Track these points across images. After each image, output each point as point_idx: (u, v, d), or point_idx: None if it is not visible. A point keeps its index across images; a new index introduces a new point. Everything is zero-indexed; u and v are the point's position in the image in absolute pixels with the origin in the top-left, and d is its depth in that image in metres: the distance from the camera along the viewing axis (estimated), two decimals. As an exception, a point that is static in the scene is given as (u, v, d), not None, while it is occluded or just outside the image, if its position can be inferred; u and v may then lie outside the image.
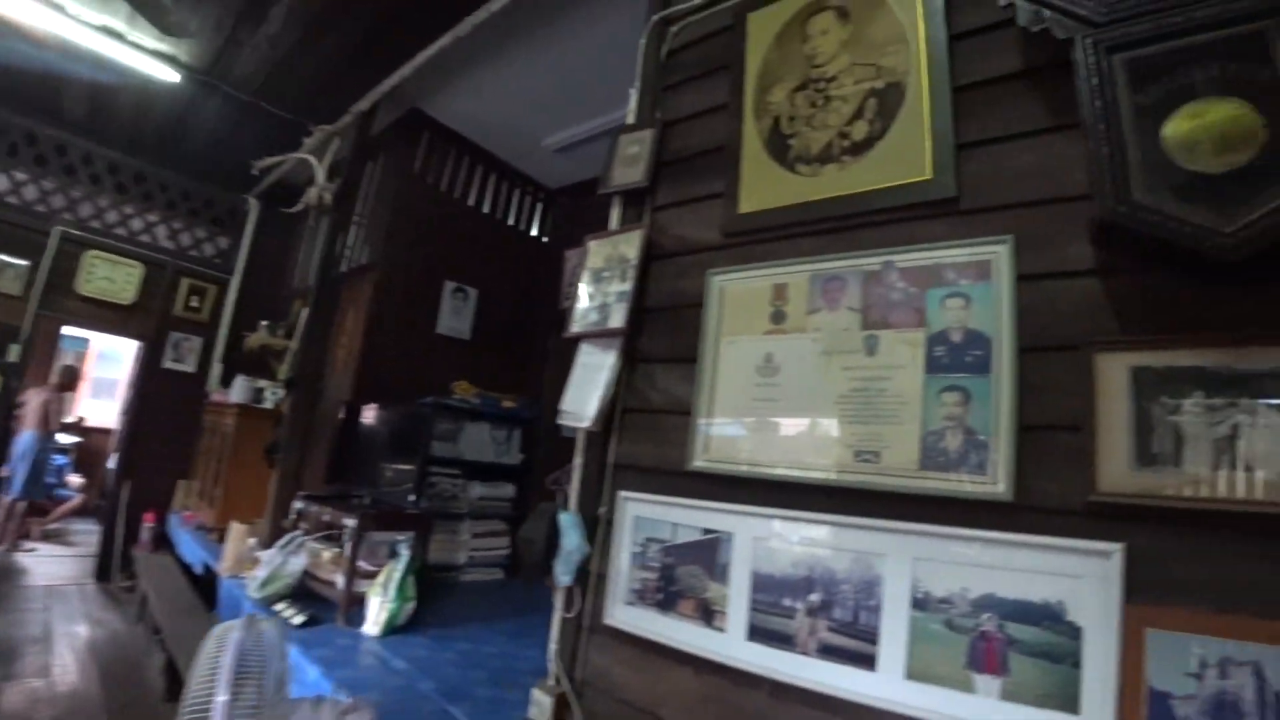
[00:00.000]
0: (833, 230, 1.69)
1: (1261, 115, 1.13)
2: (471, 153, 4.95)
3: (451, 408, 4.29)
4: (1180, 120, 1.19)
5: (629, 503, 1.87)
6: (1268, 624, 1.06)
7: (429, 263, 4.63)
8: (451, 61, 3.74)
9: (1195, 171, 1.17)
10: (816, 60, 1.83)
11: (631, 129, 2.19)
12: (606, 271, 2.08)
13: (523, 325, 5.20)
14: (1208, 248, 1.14)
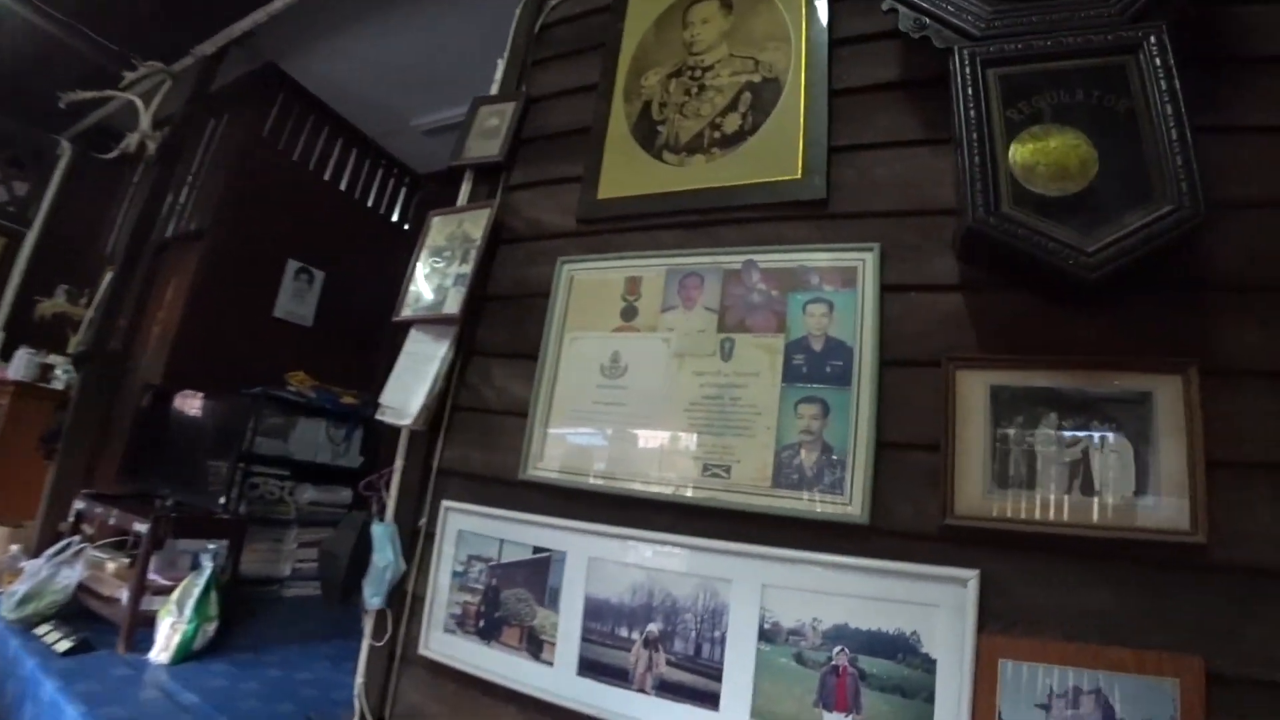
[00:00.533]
0: (695, 224, 1.57)
1: (1097, 148, 1.17)
2: (333, 123, 4.47)
3: (283, 400, 3.78)
4: (1024, 144, 1.20)
5: (453, 514, 1.61)
6: (1113, 650, 1.06)
7: (271, 237, 4.09)
8: (318, 16, 3.33)
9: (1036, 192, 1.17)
10: (695, 48, 1.72)
11: (493, 100, 1.99)
12: (447, 251, 1.84)
13: (374, 316, 4.65)
14: (1070, 265, 1.13)
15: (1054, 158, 1.18)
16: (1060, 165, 1.18)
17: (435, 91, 3.83)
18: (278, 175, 4.17)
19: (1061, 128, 1.20)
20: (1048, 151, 1.19)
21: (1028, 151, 1.20)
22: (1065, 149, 1.18)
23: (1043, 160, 1.19)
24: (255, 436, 3.53)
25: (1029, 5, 1.30)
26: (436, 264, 1.84)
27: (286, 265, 4.21)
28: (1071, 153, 1.18)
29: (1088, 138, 1.18)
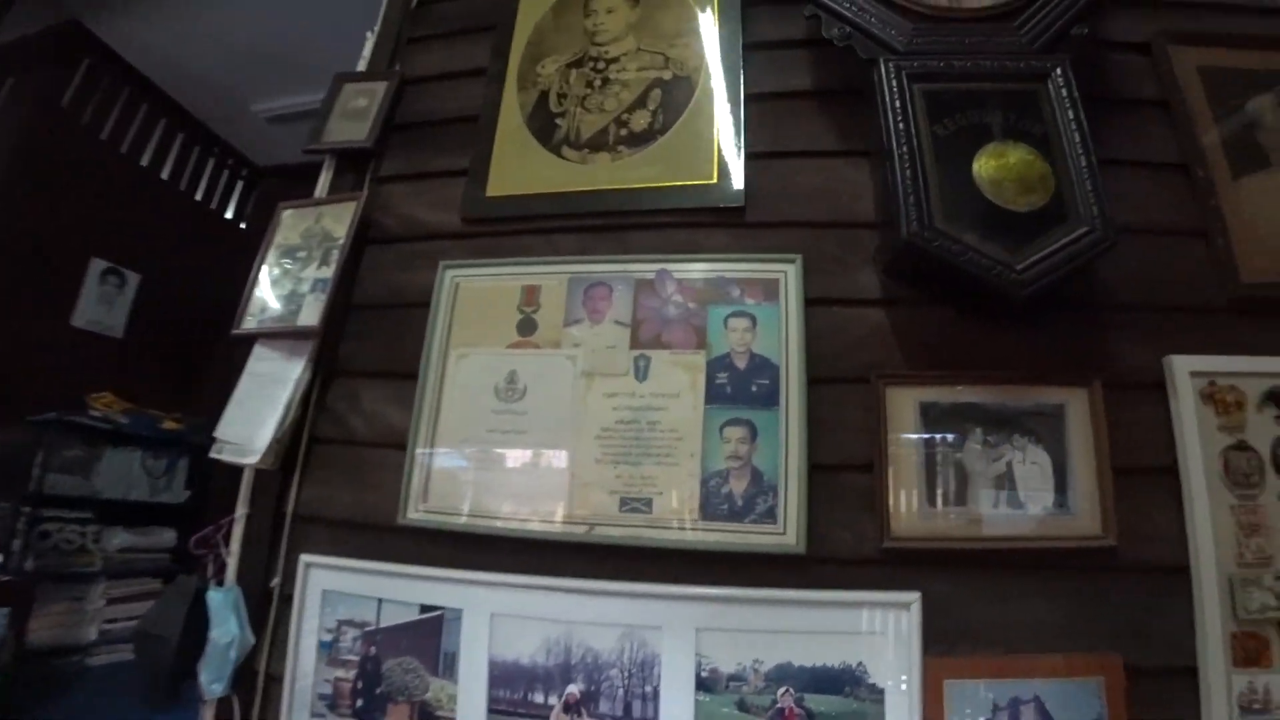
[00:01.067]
0: (599, 228, 1.42)
1: (1048, 163, 1.20)
2: (154, 99, 3.87)
3: (83, 427, 3.20)
4: (988, 159, 1.21)
5: (315, 570, 1.33)
6: (1045, 658, 1.10)
7: (70, 231, 3.45)
8: None
9: (998, 207, 1.18)
10: (598, 38, 1.59)
11: (360, 78, 1.73)
12: (302, 251, 1.56)
13: (202, 326, 4.11)
14: (1001, 281, 1.13)
15: (1017, 173, 1.19)
16: (1024, 179, 1.19)
17: (283, 73, 3.43)
18: (80, 156, 3.54)
19: (1015, 143, 1.22)
20: (1009, 167, 1.20)
21: (992, 167, 1.20)
22: (1025, 164, 1.20)
23: (1007, 176, 1.19)
24: (46, 474, 2.98)
25: (948, 26, 1.32)
26: (288, 266, 1.56)
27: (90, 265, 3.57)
28: (1031, 168, 1.20)
29: (1039, 153, 1.21)
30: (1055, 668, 1.09)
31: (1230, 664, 1.08)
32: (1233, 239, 1.32)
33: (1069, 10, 1.31)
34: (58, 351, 3.40)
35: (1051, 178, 1.19)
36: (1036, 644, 1.11)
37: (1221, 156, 1.39)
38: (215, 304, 4.10)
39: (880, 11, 1.33)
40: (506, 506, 1.24)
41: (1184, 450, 1.18)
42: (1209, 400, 1.21)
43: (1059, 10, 1.31)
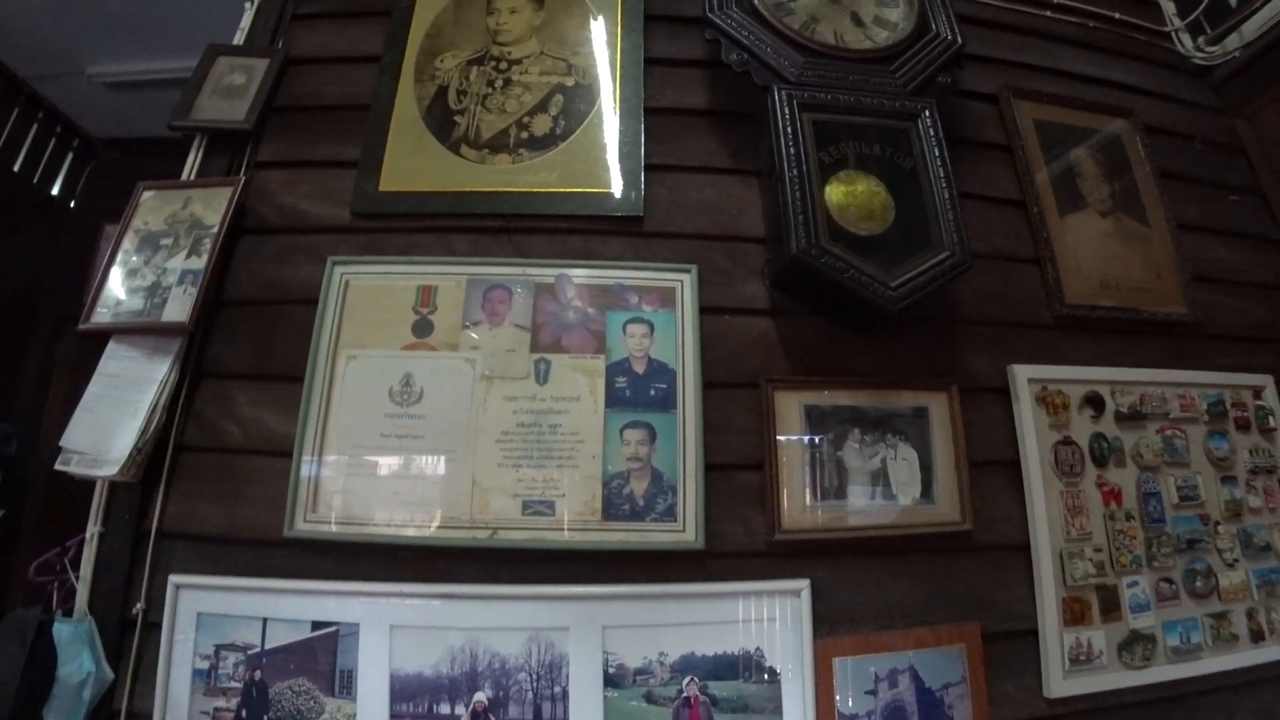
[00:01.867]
0: (497, 230, 1.41)
1: (894, 196, 1.34)
2: None
3: None
4: (836, 186, 1.33)
5: (187, 592, 1.21)
6: (915, 632, 1.25)
7: None
8: None
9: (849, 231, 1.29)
10: (501, 37, 1.57)
11: (238, 52, 1.60)
12: (167, 238, 1.42)
13: (18, 319, 3.61)
14: (877, 297, 1.24)
15: (861, 200, 1.31)
16: (866, 208, 1.31)
17: (125, 32, 3.00)
18: None
19: (865, 174, 1.35)
20: (855, 195, 1.32)
21: (840, 194, 1.31)
22: (869, 194, 1.33)
23: (852, 203, 1.31)
24: None
25: (834, 63, 1.44)
26: (148, 255, 1.42)
27: None
28: (874, 198, 1.33)
29: (885, 186, 1.34)
30: (924, 639, 1.23)
31: (1062, 624, 1.28)
32: (1060, 267, 1.55)
33: (936, 60, 1.49)
34: None
35: (893, 210, 1.32)
36: (907, 619, 1.25)
37: (1051, 197, 1.63)
38: (35, 291, 3.64)
39: (775, 43, 1.43)
40: (404, 514, 1.20)
41: (1024, 445, 1.38)
42: (1042, 403, 1.42)
43: (928, 60, 1.48)
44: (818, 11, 1.52)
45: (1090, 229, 1.62)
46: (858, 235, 1.28)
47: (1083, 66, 1.86)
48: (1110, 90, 1.84)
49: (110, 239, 3.61)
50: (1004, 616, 1.29)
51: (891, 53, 1.47)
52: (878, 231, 1.30)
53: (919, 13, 1.53)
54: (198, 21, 2.70)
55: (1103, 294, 1.56)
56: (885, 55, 1.47)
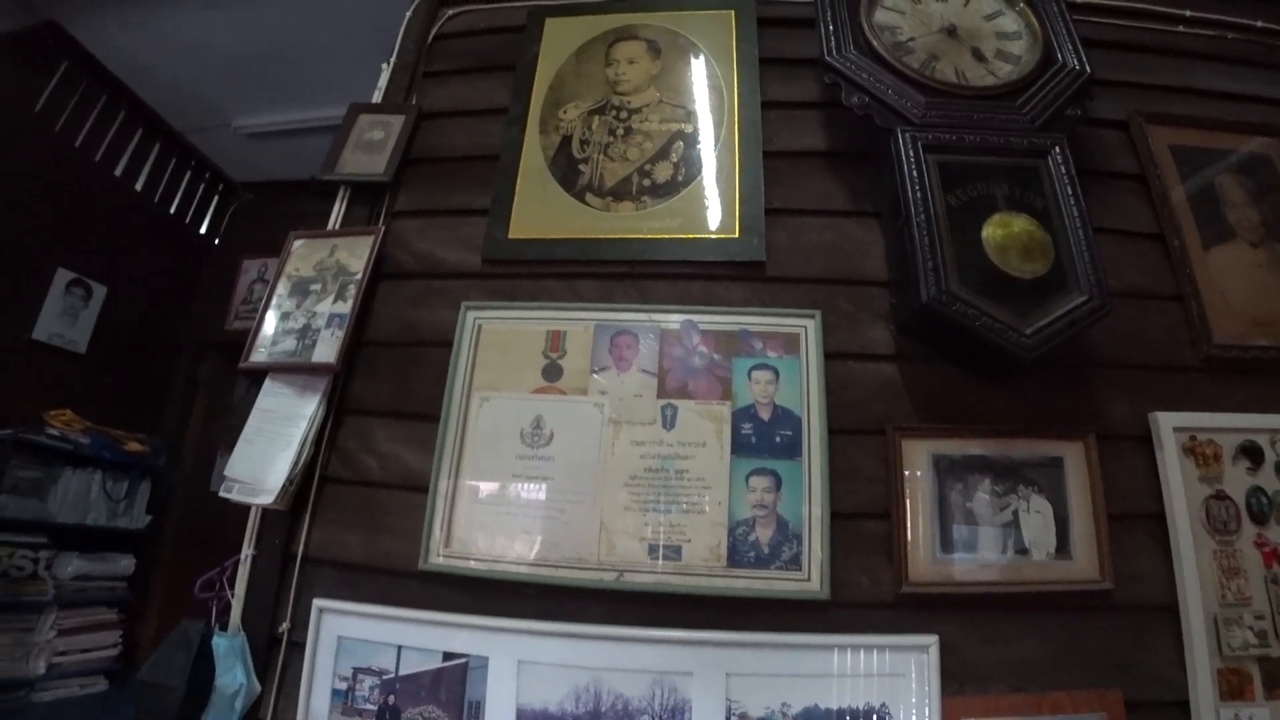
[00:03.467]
0: (621, 276, 1.46)
1: (1048, 233, 1.29)
2: (131, 108, 3.70)
3: (40, 447, 3.00)
4: (994, 227, 1.29)
5: (329, 616, 1.30)
6: (1051, 696, 1.17)
7: (35, 240, 3.27)
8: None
9: (1004, 274, 1.25)
10: (621, 87, 1.63)
11: (377, 109, 1.73)
12: (316, 284, 1.54)
13: (167, 343, 3.97)
14: (1012, 345, 1.20)
15: (1021, 241, 1.27)
16: (1027, 248, 1.27)
17: (265, 88, 3.36)
18: (51, 164, 3.36)
19: (1018, 213, 1.30)
20: (1014, 235, 1.27)
21: (999, 235, 1.27)
22: (1026, 233, 1.28)
23: (1013, 244, 1.26)
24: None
25: (957, 101, 1.41)
26: (299, 299, 1.54)
27: (55, 275, 3.39)
28: (1032, 237, 1.28)
29: (1040, 224, 1.29)
30: (1060, 704, 1.16)
31: (1218, 698, 1.17)
32: (1205, 304, 1.44)
33: (1064, 93, 1.43)
34: (15, 366, 3.21)
35: (1051, 247, 1.27)
36: (1040, 682, 1.18)
37: (1194, 228, 1.52)
38: (183, 320, 4.01)
39: (895, 84, 1.41)
40: (533, 553, 1.25)
41: (1170, 500, 1.28)
42: (1190, 453, 1.32)
43: (1055, 93, 1.43)
44: (938, 49, 1.50)
45: (1239, 261, 1.50)
46: (1019, 279, 1.23)
47: (1222, 83, 1.72)
48: (1254, 106, 1.70)
49: (246, 272, 3.96)
50: (1148, 683, 1.20)
51: (1016, 87, 1.43)
52: (1041, 272, 1.25)
53: (1043, 43, 1.48)
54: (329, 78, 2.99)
55: (1256, 332, 1.43)
56: (1010, 90, 1.43)
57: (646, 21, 1.69)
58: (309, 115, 3.34)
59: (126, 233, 3.77)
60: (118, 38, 3.29)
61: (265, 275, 4.02)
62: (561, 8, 1.76)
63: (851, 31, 1.49)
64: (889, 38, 1.50)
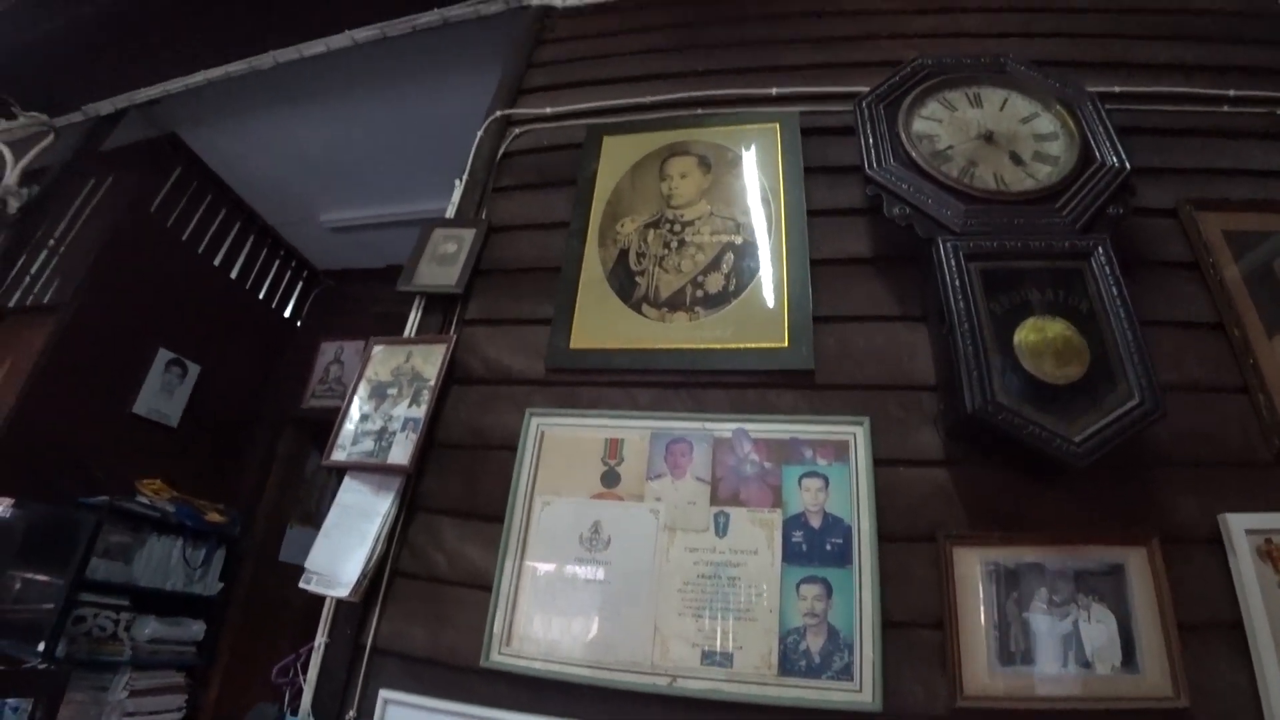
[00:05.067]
0: (677, 385, 1.52)
1: (1084, 337, 1.29)
2: (231, 205, 4.14)
3: (131, 513, 3.21)
4: (1027, 331, 1.30)
5: (394, 708, 1.36)
6: None
7: (142, 323, 3.61)
8: (235, 94, 3.12)
9: (1042, 380, 1.26)
10: (674, 201, 1.74)
11: (449, 224, 1.88)
12: (392, 388, 1.67)
13: (249, 418, 4.25)
14: (1062, 454, 1.20)
15: (1057, 346, 1.28)
16: (1062, 353, 1.28)
17: (349, 188, 3.70)
18: (161, 254, 3.75)
19: (1054, 317, 1.32)
20: (1049, 340, 1.29)
21: (1033, 340, 1.29)
22: (1062, 338, 1.29)
23: (1048, 349, 1.28)
24: (91, 558, 2.94)
25: (997, 207, 1.44)
26: (377, 402, 1.67)
27: (156, 355, 3.71)
28: (1068, 342, 1.29)
29: (1076, 328, 1.30)
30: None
31: None
32: (1274, 395, 1.38)
33: (1104, 192, 1.44)
34: (116, 436, 3.49)
35: (1087, 350, 1.27)
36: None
37: (1256, 316, 1.47)
38: (263, 396, 4.30)
39: (935, 193, 1.46)
40: (589, 654, 1.29)
41: (1247, 609, 1.21)
42: (1266, 557, 1.25)
43: (1095, 192, 1.44)
44: (975, 155, 1.55)
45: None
46: (1056, 385, 1.24)
47: (1275, 161, 1.69)
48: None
49: (323, 354, 4.21)
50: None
51: (1056, 190, 1.45)
52: (1075, 377, 1.25)
53: (1081, 142, 1.51)
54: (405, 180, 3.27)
55: (1333, 424, 1.36)
56: (1049, 193, 1.45)
57: (697, 137, 1.82)
58: (385, 211, 3.66)
59: (221, 316, 4.12)
60: (226, 146, 3.69)
61: (340, 356, 4.30)
62: (618, 125, 1.91)
63: (891, 143, 1.56)
64: (927, 146, 1.56)
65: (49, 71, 3.26)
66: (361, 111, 3.17)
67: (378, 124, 3.19)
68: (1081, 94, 1.61)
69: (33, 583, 2.75)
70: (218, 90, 3.11)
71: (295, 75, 2.92)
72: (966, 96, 1.67)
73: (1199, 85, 1.82)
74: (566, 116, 2.00)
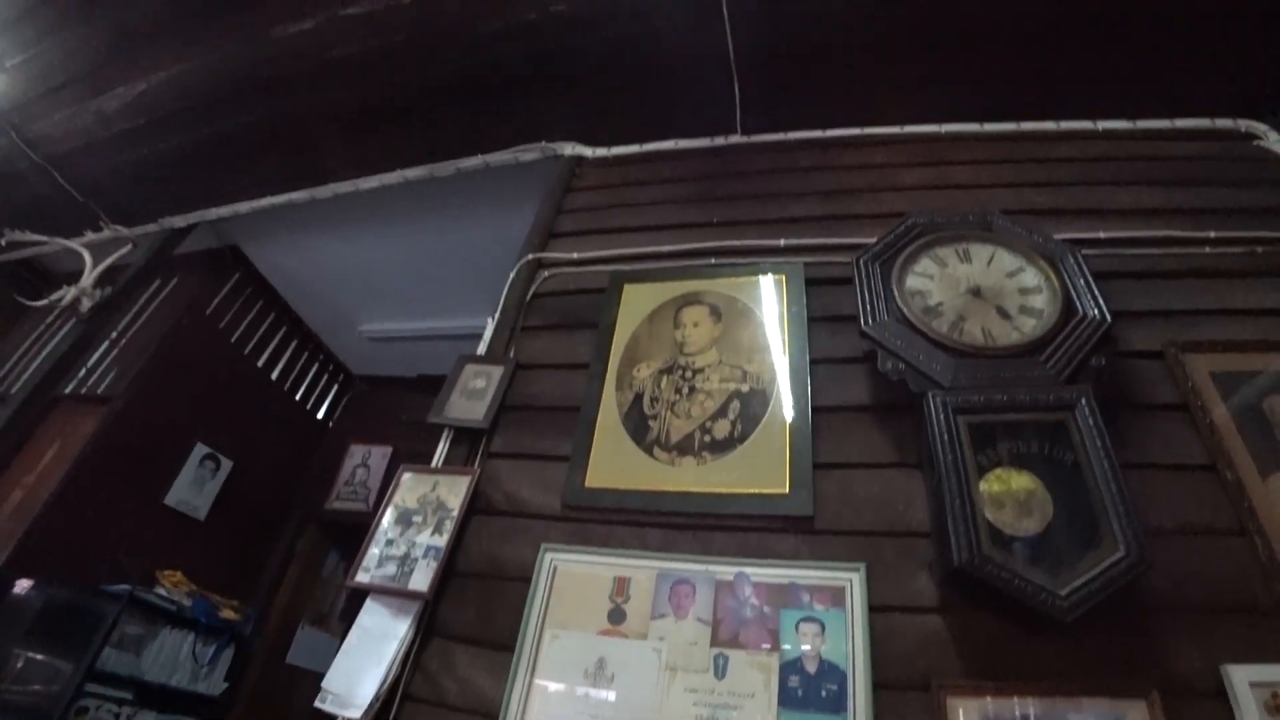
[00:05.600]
0: (684, 527, 1.60)
1: (1051, 493, 1.34)
2: (279, 311, 4.48)
3: (149, 605, 3.25)
4: (992, 481, 1.37)
5: None
6: None
7: (183, 417, 3.82)
8: (295, 214, 3.46)
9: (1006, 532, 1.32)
10: (687, 348, 1.88)
11: (480, 360, 2.04)
12: (418, 515, 1.78)
13: (274, 516, 4.37)
14: (1048, 608, 1.24)
15: (1017, 499, 1.34)
16: (1023, 506, 1.33)
17: (389, 302, 3.98)
18: (211, 355, 4.04)
19: (1020, 470, 1.38)
20: (1011, 493, 1.35)
21: (996, 492, 1.35)
22: (1025, 492, 1.35)
23: (1008, 502, 1.34)
24: (105, 647, 2.95)
25: (985, 361, 1.53)
26: (402, 528, 1.77)
27: (193, 448, 3.87)
28: (1030, 496, 1.35)
29: (1042, 482, 1.36)
30: None
31: None
32: (1271, 538, 1.36)
33: (1086, 344, 1.52)
34: (146, 526, 3.58)
35: (1050, 506, 1.33)
36: None
37: (1248, 457, 1.47)
38: (289, 494, 4.43)
39: (926, 349, 1.56)
40: (591, 793, 1.32)
41: None
42: (1274, 712, 1.21)
43: (1077, 344, 1.52)
44: (965, 310, 1.65)
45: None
46: (1016, 536, 1.30)
47: (1258, 299, 1.74)
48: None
49: (351, 455, 4.37)
50: None
51: (1041, 342, 1.53)
52: (1035, 531, 1.30)
53: (1063, 295, 1.60)
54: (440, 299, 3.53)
55: (1337, 568, 1.32)
56: (1034, 346, 1.53)
57: (710, 288, 1.98)
58: (420, 325, 3.95)
59: (258, 414, 4.32)
60: (280, 258, 4.06)
61: (367, 460, 4.45)
62: (638, 273, 2.09)
63: (885, 300, 1.69)
64: (919, 303, 1.68)
65: (136, 188, 3.64)
66: (405, 236, 3.46)
67: (418, 247, 3.49)
68: (1063, 248, 1.72)
69: (39, 664, 2.73)
70: (279, 210, 3.43)
71: (349, 202, 3.24)
72: (956, 253, 1.80)
73: (1179, 228, 1.91)
74: (592, 262, 2.20)
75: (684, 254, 2.17)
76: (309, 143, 3.11)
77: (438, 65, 2.64)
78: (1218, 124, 2.31)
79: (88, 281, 3.43)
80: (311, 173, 3.22)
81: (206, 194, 3.57)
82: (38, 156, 3.54)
